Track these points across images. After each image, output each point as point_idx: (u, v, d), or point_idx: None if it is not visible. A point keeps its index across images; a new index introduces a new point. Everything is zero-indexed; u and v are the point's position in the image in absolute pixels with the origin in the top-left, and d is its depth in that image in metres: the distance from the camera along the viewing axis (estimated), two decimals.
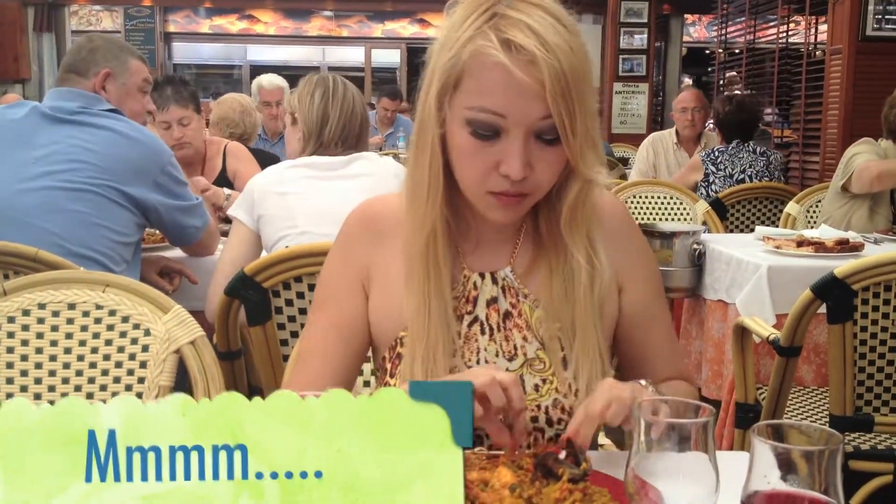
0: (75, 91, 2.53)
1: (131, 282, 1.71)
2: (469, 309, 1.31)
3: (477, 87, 1.17)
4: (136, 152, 2.47)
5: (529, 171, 1.18)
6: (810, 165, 5.92)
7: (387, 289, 1.33)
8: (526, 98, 1.14)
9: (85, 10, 15.46)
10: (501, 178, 1.19)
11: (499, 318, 1.31)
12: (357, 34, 16.71)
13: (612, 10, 9.31)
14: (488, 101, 1.16)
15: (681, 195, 4.39)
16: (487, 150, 1.18)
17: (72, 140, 2.42)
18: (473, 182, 1.22)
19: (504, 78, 1.14)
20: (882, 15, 5.13)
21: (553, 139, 1.18)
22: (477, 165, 1.20)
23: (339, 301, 1.35)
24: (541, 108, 1.15)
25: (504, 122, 1.16)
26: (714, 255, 3.16)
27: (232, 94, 4.59)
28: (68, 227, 2.35)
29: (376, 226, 1.36)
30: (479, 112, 1.17)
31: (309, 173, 2.47)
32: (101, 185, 2.40)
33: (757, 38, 7.41)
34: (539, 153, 1.18)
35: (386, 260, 1.33)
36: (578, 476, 1.01)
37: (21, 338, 1.65)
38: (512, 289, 1.32)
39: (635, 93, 9.35)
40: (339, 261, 1.37)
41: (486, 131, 1.17)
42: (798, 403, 2.70)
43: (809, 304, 2.20)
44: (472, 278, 1.32)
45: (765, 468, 0.82)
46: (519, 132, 1.16)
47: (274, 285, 2.00)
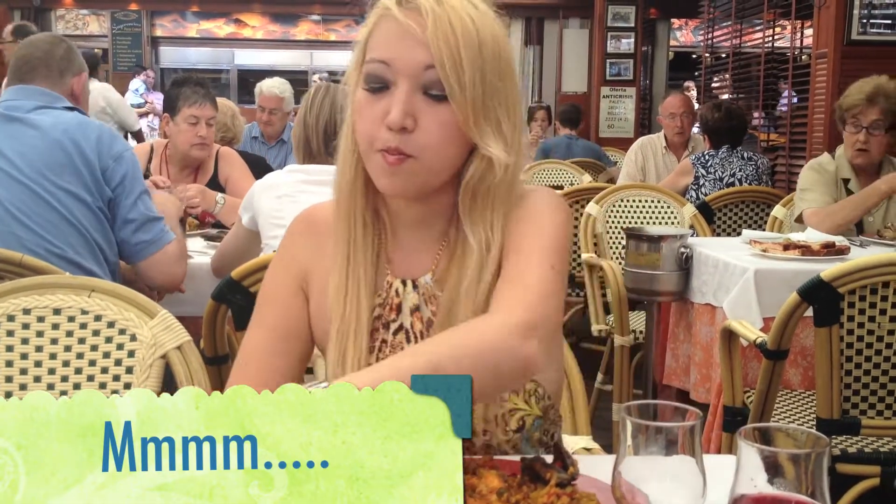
0: (35, 89, 2.50)
1: (117, 286, 1.70)
2: (394, 317, 1.29)
3: (373, 44, 1.20)
4: (86, 141, 2.42)
5: (412, 124, 1.17)
6: (796, 169, 5.93)
7: (324, 297, 1.30)
8: (409, 44, 1.16)
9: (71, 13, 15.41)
10: (387, 132, 1.17)
11: (422, 327, 1.29)
12: (345, 38, 16.70)
13: (599, 15, 9.34)
14: (377, 51, 1.19)
15: (668, 199, 4.40)
16: (377, 103, 1.18)
17: (25, 139, 2.39)
18: (364, 138, 1.20)
19: (392, 27, 1.18)
20: (867, 19, 5.16)
21: (440, 95, 1.17)
22: (366, 119, 1.19)
23: (278, 304, 1.34)
24: (424, 54, 1.16)
25: (390, 72, 1.17)
26: (701, 259, 3.17)
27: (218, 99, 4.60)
28: (33, 230, 2.33)
29: (317, 229, 1.35)
30: (369, 64, 1.19)
31: (303, 177, 2.54)
32: (58, 181, 2.36)
33: (743, 42, 7.44)
34: (425, 108, 1.17)
35: (325, 263, 1.31)
36: (566, 480, 1.01)
37: (6, 343, 1.64)
38: (433, 297, 1.29)
39: (622, 97, 9.39)
40: (281, 264, 1.36)
41: (375, 83, 1.19)
42: (785, 407, 2.71)
43: (796, 307, 2.20)
44: (394, 285, 1.30)
45: (752, 471, 0.82)
46: (404, 82, 1.17)
47: None
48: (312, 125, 2.55)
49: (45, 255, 2.29)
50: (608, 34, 9.25)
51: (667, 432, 0.88)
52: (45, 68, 2.53)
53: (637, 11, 9.14)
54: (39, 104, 2.45)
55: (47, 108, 2.45)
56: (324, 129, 2.54)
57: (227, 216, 3.27)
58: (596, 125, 9.62)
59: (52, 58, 2.55)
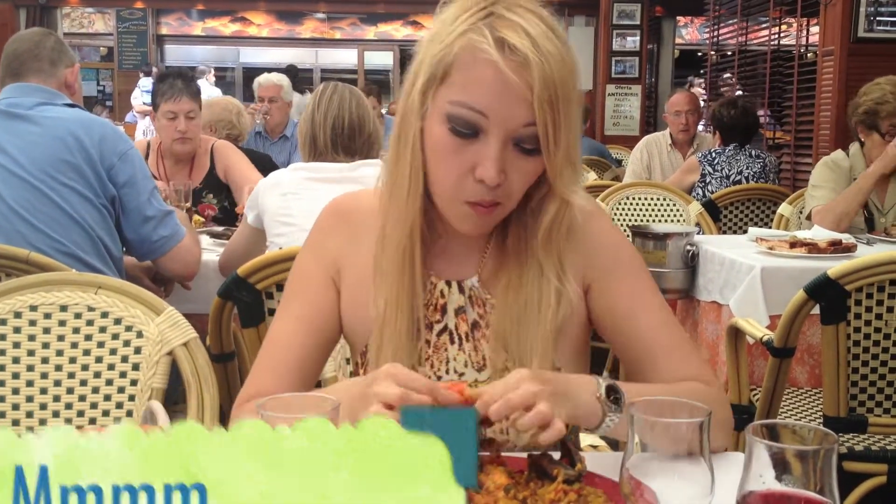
0: (32, 86, 2.49)
1: (124, 283, 1.70)
2: (438, 318, 1.29)
3: (463, 82, 1.14)
4: (90, 139, 2.41)
5: (503, 179, 1.15)
6: (802, 167, 5.94)
7: (359, 287, 1.31)
8: (511, 100, 1.12)
9: (77, 12, 15.45)
10: (476, 184, 1.15)
11: (467, 328, 1.29)
12: (350, 36, 16.71)
13: (604, 13, 9.34)
14: (473, 97, 1.13)
15: (674, 197, 4.40)
16: (464, 150, 1.15)
17: (27, 137, 2.38)
18: (449, 187, 1.18)
19: (493, 76, 1.12)
20: (874, 16, 5.15)
21: (531, 149, 1.15)
22: (452, 166, 1.16)
23: (308, 295, 1.33)
24: (525, 113, 1.12)
25: (485, 122, 1.13)
26: (707, 257, 3.16)
27: (221, 97, 4.63)
28: (37, 227, 2.33)
29: (349, 221, 1.34)
30: (461, 107, 1.14)
31: (308, 175, 2.54)
32: (61, 178, 2.36)
33: (749, 40, 7.43)
34: (515, 161, 1.16)
35: (358, 257, 1.31)
36: (573, 477, 1.01)
37: (13, 340, 1.64)
38: (479, 298, 1.29)
39: (628, 95, 9.38)
40: (311, 254, 1.36)
41: (465, 129, 1.14)
42: (792, 404, 2.70)
43: (803, 304, 2.20)
44: (438, 286, 1.30)
45: (760, 468, 0.82)
46: (498, 135, 1.14)
47: (267, 287, 2.00)
48: (320, 122, 2.54)
49: (50, 252, 2.29)
50: (613, 32, 9.24)
51: (675, 429, 0.87)
52: (35, 61, 2.51)
53: (642, 9, 9.13)
54: (40, 101, 2.45)
55: (48, 104, 2.45)
56: (331, 127, 2.54)
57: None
58: (601, 123, 9.61)
59: (41, 49, 2.53)
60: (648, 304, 1.30)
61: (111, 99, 15.06)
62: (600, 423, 1.12)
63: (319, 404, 0.91)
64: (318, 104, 2.56)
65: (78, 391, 1.66)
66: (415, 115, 1.18)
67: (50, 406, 1.65)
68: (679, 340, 1.31)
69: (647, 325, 1.29)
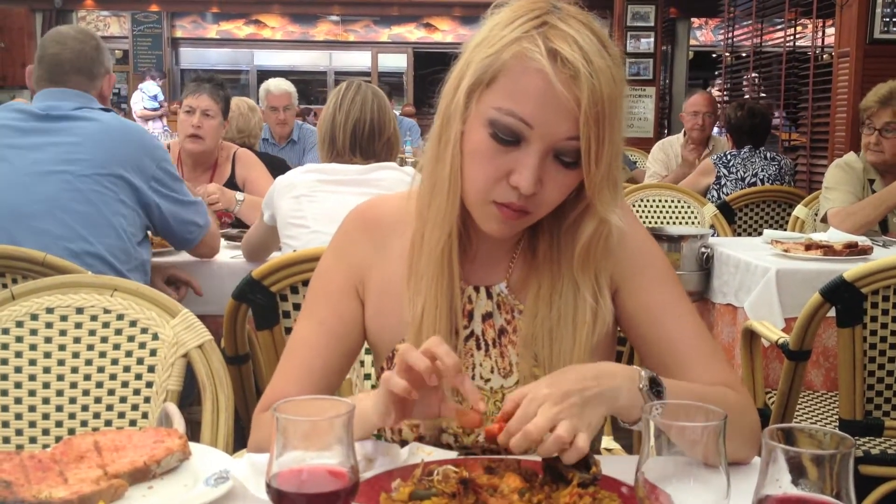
0: (70, 91, 2.52)
1: (139, 286, 1.71)
2: (465, 323, 1.28)
3: (511, 89, 1.13)
4: (131, 145, 2.48)
5: (539, 188, 1.14)
6: (818, 169, 5.91)
7: (385, 295, 1.30)
8: (558, 112, 1.11)
9: (92, 15, 15.54)
10: (509, 188, 1.15)
11: (494, 334, 1.29)
12: (364, 39, 16.74)
13: (618, 14, 9.30)
14: (519, 105, 1.12)
15: (688, 199, 4.38)
16: (503, 156, 1.14)
17: (67, 138, 2.42)
18: (481, 187, 1.17)
19: (541, 86, 1.10)
20: (890, 18, 5.12)
21: (571, 163, 1.14)
22: (488, 170, 1.15)
23: (330, 301, 1.33)
24: (570, 127, 1.11)
25: (528, 132, 1.12)
26: (722, 259, 3.15)
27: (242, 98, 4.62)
28: (72, 227, 2.35)
29: (377, 227, 1.33)
30: (506, 115, 1.13)
31: (320, 177, 2.51)
32: (100, 181, 2.40)
33: (764, 41, 7.40)
34: (552, 172, 1.15)
35: (384, 264, 1.31)
36: (588, 480, 1.01)
37: (29, 342, 1.65)
38: (507, 304, 1.29)
39: (642, 96, 9.34)
40: (335, 261, 1.35)
41: (507, 136, 1.13)
42: (807, 408, 2.69)
43: (818, 307, 2.19)
44: (466, 291, 1.29)
45: (776, 472, 0.81)
46: (540, 146, 1.13)
47: (282, 289, 2.00)
48: (341, 123, 2.50)
49: (79, 253, 2.32)
50: (627, 33, 9.20)
51: (690, 433, 0.87)
52: (76, 74, 2.55)
53: (657, 10, 9.09)
54: (78, 105, 2.49)
55: (86, 108, 2.49)
56: (352, 129, 2.49)
57: (247, 214, 3.28)
58: None
59: (83, 60, 2.57)
60: (678, 309, 1.30)
61: (126, 102, 15.14)
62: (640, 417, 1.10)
63: (334, 408, 0.91)
64: (340, 104, 2.51)
65: (94, 393, 1.66)
66: (458, 116, 1.17)
67: (66, 408, 1.65)
68: (709, 348, 1.30)
69: (677, 332, 1.29)
